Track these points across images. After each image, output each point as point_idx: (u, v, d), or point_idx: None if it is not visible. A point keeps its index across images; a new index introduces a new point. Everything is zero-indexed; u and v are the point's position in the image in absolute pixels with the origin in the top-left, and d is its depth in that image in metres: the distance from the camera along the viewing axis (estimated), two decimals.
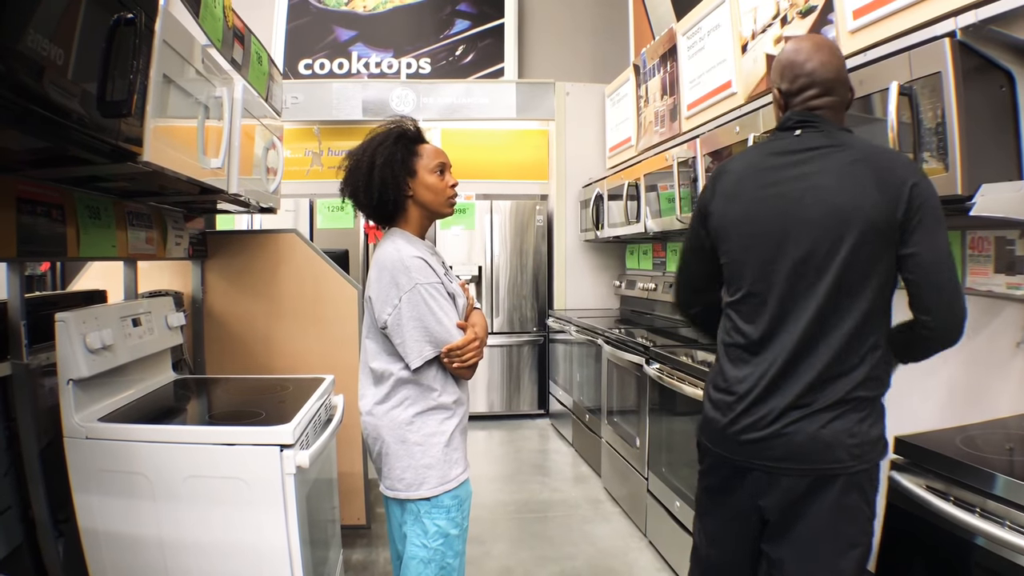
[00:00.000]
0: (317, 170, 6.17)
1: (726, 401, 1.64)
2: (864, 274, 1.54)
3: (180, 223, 2.87)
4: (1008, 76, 1.90)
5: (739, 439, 1.61)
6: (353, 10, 6.68)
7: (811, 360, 1.55)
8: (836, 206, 1.52)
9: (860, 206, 1.50)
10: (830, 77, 1.63)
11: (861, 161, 1.54)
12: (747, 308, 1.63)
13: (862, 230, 1.51)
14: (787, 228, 1.56)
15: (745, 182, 1.66)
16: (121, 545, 1.97)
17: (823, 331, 1.55)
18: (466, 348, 1.85)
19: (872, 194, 1.50)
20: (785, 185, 1.59)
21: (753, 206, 1.63)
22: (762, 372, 1.58)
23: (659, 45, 4.32)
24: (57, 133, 1.37)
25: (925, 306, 1.59)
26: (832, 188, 1.53)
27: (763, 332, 1.60)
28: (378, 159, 1.86)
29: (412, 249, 1.85)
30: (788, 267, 1.56)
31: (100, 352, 2.04)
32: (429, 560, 1.86)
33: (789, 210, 1.57)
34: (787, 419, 1.55)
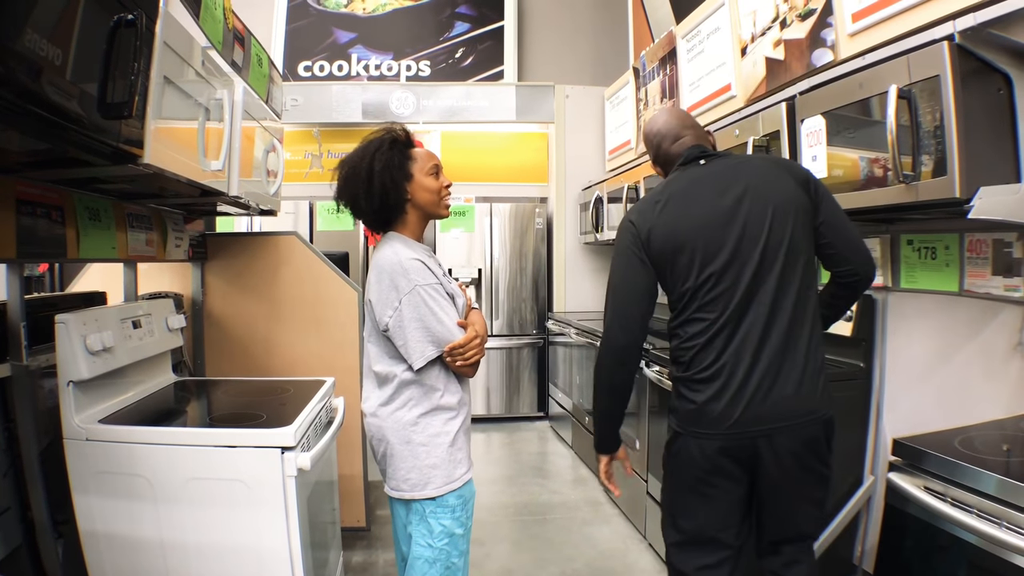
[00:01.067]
0: (317, 172, 6.17)
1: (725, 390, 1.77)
2: (801, 248, 1.80)
3: (180, 225, 2.88)
4: (1006, 79, 1.91)
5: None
6: (353, 12, 6.69)
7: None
8: (778, 198, 1.79)
9: (792, 195, 1.80)
10: (688, 124, 2.02)
11: (772, 165, 1.89)
12: (708, 310, 1.80)
13: (797, 211, 1.79)
14: (742, 225, 1.78)
15: (687, 201, 1.86)
16: (121, 547, 1.97)
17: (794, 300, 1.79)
18: (468, 346, 1.86)
19: (793, 185, 1.81)
20: (726, 194, 1.82)
21: (703, 218, 1.81)
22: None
23: (659, 48, 4.33)
24: (56, 134, 1.37)
25: (844, 257, 1.87)
26: (766, 187, 1.80)
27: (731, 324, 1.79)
28: (376, 165, 1.87)
29: (410, 252, 1.86)
30: (753, 259, 1.76)
31: (100, 354, 2.04)
32: (434, 560, 1.87)
33: (738, 211, 1.79)
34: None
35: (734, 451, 1.78)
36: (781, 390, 1.73)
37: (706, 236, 1.80)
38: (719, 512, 1.85)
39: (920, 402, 2.57)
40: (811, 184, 1.84)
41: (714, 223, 1.80)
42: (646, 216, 1.89)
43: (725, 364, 1.76)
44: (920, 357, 2.57)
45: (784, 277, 1.76)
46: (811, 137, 2.45)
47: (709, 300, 1.79)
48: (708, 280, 1.79)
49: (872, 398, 2.76)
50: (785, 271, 1.76)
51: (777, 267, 1.76)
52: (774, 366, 1.74)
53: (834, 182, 2.36)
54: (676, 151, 1.99)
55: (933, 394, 2.51)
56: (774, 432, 1.74)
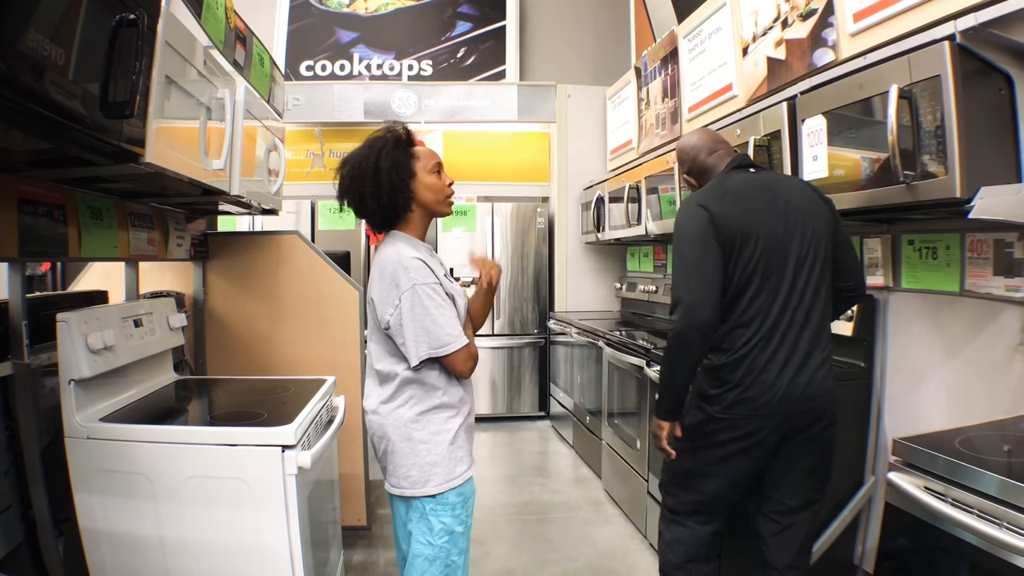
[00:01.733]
0: (319, 171, 6.18)
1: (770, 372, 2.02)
2: (828, 262, 2.09)
3: (182, 224, 2.88)
4: (1007, 79, 1.91)
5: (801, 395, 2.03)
6: (355, 12, 6.69)
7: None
8: (817, 216, 2.07)
9: (825, 216, 2.10)
10: (721, 140, 2.27)
11: (806, 186, 2.18)
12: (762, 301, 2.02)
13: (828, 230, 2.08)
14: (799, 230, 2.03)
15: (746, 198, 2.07)
16: (122, 545, 1.97)
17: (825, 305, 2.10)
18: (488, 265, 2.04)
19: (824, 208, 2.11)
20: (776, 202, 2.06)
21: (764, 215, 2.04)
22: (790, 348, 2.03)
23: (660, 48, 4.33)
24: (58, 134, 1.38)
25: (848, 275, 2.17)
26: (806, 203, 2.08)
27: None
28: (383, 163, 1.87)
29: (411, 251, 1.87)
30: (804, 261, 2.03)
31: (101, 352, 2.05)
32: (434, 557, 1.88)
33: (790, 217, 2.04)
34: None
35: (772, 427, 2.03)
36: (813, 375, 2.02)
37: (768, 232, 2.02)
38: (740, 481, 2.14)
39: (921, 402, 2.57)
40: (834, 210, 2.14)
41: (774, 222, 2.03)
42: (714, 203, 2.06)
43: (775, 354, 2.00)
44: (921, 357, 2.57)
45: (820, 283, 2.05)
46: (812, 137, 2.45)
47: (765, 291, 2.01)
48: (768, 273, 2.01)
49: (873, 398, 2.76)
50: (822, 278, 2.06)
51: (816, 273, 2.04)
52: (809, 355, 2.02)
53: (835, 182, 2.36)
54: (712, 162, 2.22)
55: (934, 394, 2.51)
56: (808, 410, 2.03)
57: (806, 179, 2.47)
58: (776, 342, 2.00)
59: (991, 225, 2.16)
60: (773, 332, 2.01)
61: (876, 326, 2.75)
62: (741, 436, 2.05)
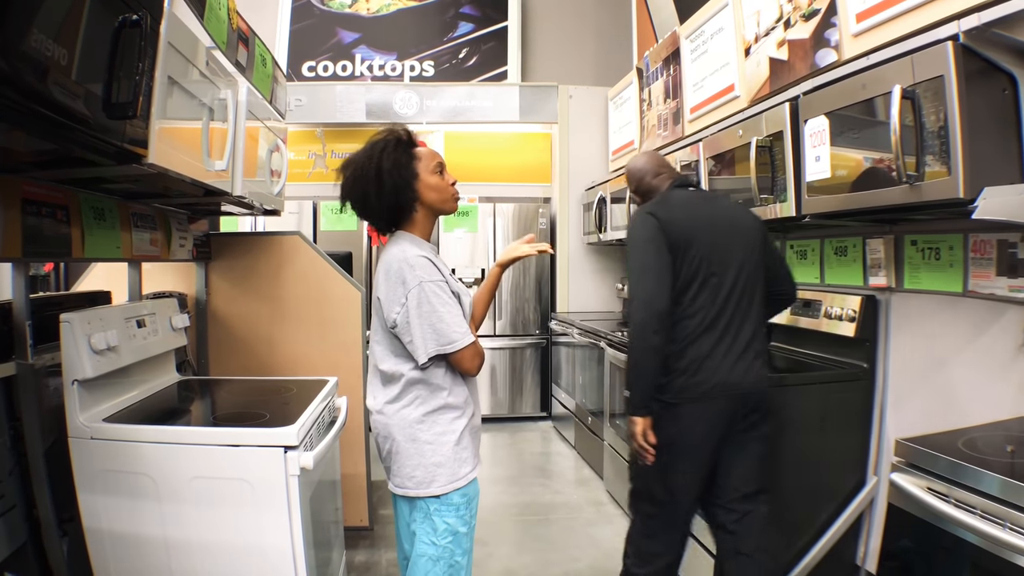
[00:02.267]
0: (320, 172, 6.18)
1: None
2: (759, 268, 2.35)
3: (184, 225, 2.88)
4: (1011, 79, 1.90)
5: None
6: (357, 12, 6.70)
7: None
8: (750, 228, 2.37)
9: (756, 229, 2.38)
10: (665, 164, 2.54)
11: (737, 204, 2.58)
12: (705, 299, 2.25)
13: (759, 241, 2.36)
14: (739, 238, 2.32)
15: (691, 209, 2.35)
16: (125, 545, 1.97)
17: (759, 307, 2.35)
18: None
19: (755, 222, 2.41)
20: (716, 215, 2.35)
21: (706, 225, 2.30)
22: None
23: (662, 48, 4.33)
24: (62, 134, 1.38)
25: (780, 280, 2.45)
26: (741, 217, 2.40)
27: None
28: (385, 164, 1.87)
29: (417, 249, 1.88)
30: (743, 267, 2.29)
31: (105, 353, 2.05)
32: (438, 558, 1.88)
33: (730, 227, 2.33)
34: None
35: (718, 410, 2.22)
36: (752, 363, 2.25)
37: (709, 236, 2.27)
38: (700, 476, 2.28)
39: (923, 403, 2.57)
40: (762, 224, 2.44)
41: (714, 228, 2.30)
42: (662, 211, 2.31)
43: (718, 344, 2.22)
44: (923, 358, 2.57)
45: (755, 285, 2.32)
46: (814, 137, 2.45)
47: (707, 289, 2.24)
48: (710, 273, 2.24)
49: (875, 399, 2.75)
50: (756, 280, 2.33)
51: (752, 276, 2.31)
52: (748, 346, 2.26)
53: (838, 182, 2.36)
54: (657, 183, 2.48)
55: (936, 395, 2.51)
56: (749, 395, 2.24)
57: (810, 179, 2.52)
58: (719, 333, 2.22)
59: (994, 226, 2.16)
60: (715, 324, 2.23)
61: (879, 327, 2.75)
62: (692, 421, 2.22)
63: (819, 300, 2.99)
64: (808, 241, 3.23)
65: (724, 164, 3.22)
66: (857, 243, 2.88)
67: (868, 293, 2.79)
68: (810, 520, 2.72)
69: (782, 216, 2.71)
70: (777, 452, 2.67)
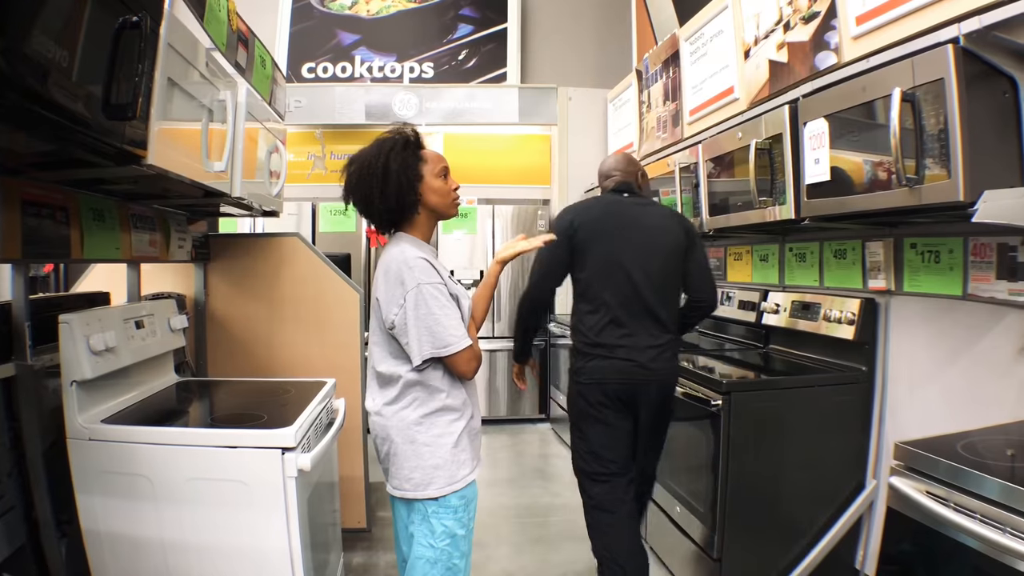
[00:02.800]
0: (320, 173, 6.18)
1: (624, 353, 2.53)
2: (675, 273, 2.62)
3: (183, 226, 2.88)
4: (1011, 82, 1.90)
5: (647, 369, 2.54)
6: (356, 14, 6.70)
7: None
8: (666, 235, 2.60)
9: (677, 237, 2.60)
10: (620, 168, 2.77)
11: (668, 213, 2.71)
12: (607, 295, 2.54)
13: (676, 250, 2.60)
14: (642, 243, 2.56)
15: (608, 213, 2.64)
16: (123, 546, 1.97)
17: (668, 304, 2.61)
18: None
19: (679, 231, 2.62)
20: (638, 219, 2.61)
21: (621, 227, 2.59)
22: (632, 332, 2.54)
23: (662, 50, 4.33)
24: (62, 135, 1.38)
25: (699, 289, 2.68)
26: (660, 223, 2.62)
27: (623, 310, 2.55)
28: (393, 164, 1.87)
29: (416, 251, 1.88)
30: (650, 267, 2.54)
31: (103, 354, 2.05)
32: (436, 560, 1.87)
33: (643, 233, 2.58)
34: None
35: (621, 393, 2.52)
36: (649, 353, 2.51)
37: (616, 242, 2.56)
38: (608, 436, 2.58)
39: (923, 406, 2.57)
40: (692, 235, 2.64)
41: (620, 234, 2.57)
42: (581, 213, 2.66)
43: (619, 338, 2.51)
44: (923, 361, 2.57)
45: (662, 287, 2.56)
46: (814, 140, 2.45)
47: (617, 287, 2.53)
48: (617, 271, 2.54)
49: (875, 402, 2.75)
50: (664, 284, 2.58)
51: (658, 279, 2.55)
52: (649, 339, 2.52)
53: (837, 185, 2.36)
54: (606, 185, 2.78)
55: (936, 398, 2.51)
56: (649, 382, 2.51)
57: (809, 181, 2.50)
58: (621, 327, 2.52)
59: (994, 229, 2.16)
60: (618, 319, 2.52)
61: (878, 330, 2.75)
62: (599, 400, 2.54)
63: (818, 303, 2.99)
64: (807, 244, 3.23)
65: (723, 166, 3.22)
66: (856, 246, 2.88)
67: (867, 296, 2.79)
68: (809, 523, 2.73)
69: (781, 219, 2.71)
70: (776, 455, 2.68)
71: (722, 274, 4.13)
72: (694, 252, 2.64)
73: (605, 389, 2.53)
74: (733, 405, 2.62)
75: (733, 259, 4.01)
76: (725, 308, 3.81)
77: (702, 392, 2.76)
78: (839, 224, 2.67)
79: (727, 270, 4.08)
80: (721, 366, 3.21)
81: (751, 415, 2.64)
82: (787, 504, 2.69)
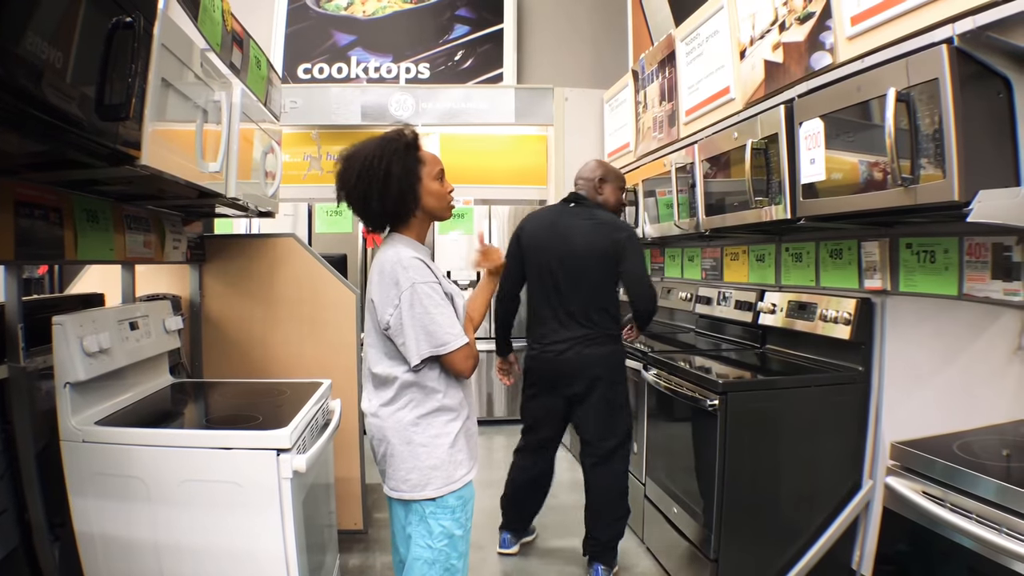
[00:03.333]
0: (315, 174, 6.17)
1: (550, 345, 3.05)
2: (599, 278, 3.01)
3: (178, 227, 2.87)
4: (1006, 83, 1.90)
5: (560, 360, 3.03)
6: (352, 15, 6.69)
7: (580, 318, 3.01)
8: (594, 244, 2.98)
9: (605, 247, 2.97)
10: (584, 176, 3.21)
11: (600, 223, 3.04)
12: (544, 295, 3.07)
13: (603, 257, 2.97)
14: (571, 251, 3.00)
15: (550, 220, 3.13)
16: (117, 549, 1.96)
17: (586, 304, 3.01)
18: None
19: (608, 242, 2.97)
20: (571, 228, 3.04)
21: (551, 237, 3.06)
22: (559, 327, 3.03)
23: (658, 51, 4.33)
24: (55, 136, 1.37)
25: (633, 295, 3.02)
26: (590, 233, 3.00)
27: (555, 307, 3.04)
28: (395, 168, 1.86)
29: (411, 251, 1.88)
30: (567, 272, 2.99)
31: (97, 355, 2.04)
32: (434, 561, 1.87)
33: (575, 242, 3.00)
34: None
35: (545, 377, 3.09)
36: (570, 348, 2.99)
37: (545, 249, 3.04)
38: (538, 411, 3.20)
39: (919, 406, 2.57)
40: (619, 244, 2.97)
41: (549, 242, 3.04)
42: (531, 221, 3.19)
43: (548, 332, 3.04)
44: (919, 361, 2.57)
45: (587, 294, 2.98)
46: (809, 140, 2.45)
47: (545, 288, 3.05)
48: (545, 275, 3.03)
49: (871, 402, 2.75)
50: (588, 291, 2.99)
51: (578, 285, 2.98)
52: (570, 337, 2.99)
53: (833, 185, 2.36)
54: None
55: (932, 398, 2.51)
56: (570, 372, 3.01)
57: (804, 181, 2.50)
58: (547, 325, 3.04)
59: (989, 229, 2.16)
60: (543, 315, 3.06)
61: (874, 330, 2.75)
62: (533, 382, 3.16)
63: (814, 303, 2.99)
64: (803, 244, 3.23)
65: (719, 166, 3.22)
66: (852, 246, 2.88)
67: (863, 296, 2.79)
68: (806, 524, 2.72)
69: (777, 219, 2.71)
70: (772, 455, 2.68)
71: (718, 274, 4.14)
72: (625, 263, 2.96)
73: (535, 374, 3.13)
74: (730, 405, 2.62)
75: (729, 259, 4.01)
76: (721, 308, 3.82)
77: (699, 392, 2.76)
78: (835, 224, 2.67)
79: (723, 270, 4.08)
80: (718, 366, 3.21)
81: (748, 415, 2.64)
82: (784, 504, 2.69)
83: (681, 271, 4.74)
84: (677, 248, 4.80)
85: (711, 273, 4.26)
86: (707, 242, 4.22)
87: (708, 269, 4.31)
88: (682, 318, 4.57)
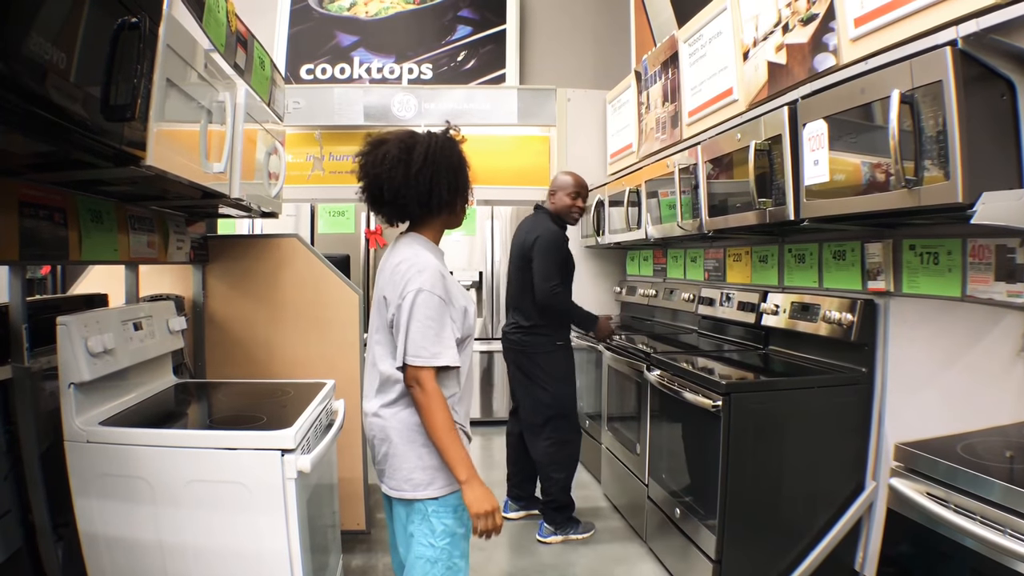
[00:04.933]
0: (319, 175, 6.16)
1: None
2: (521, 274, 3.69)
3: (182, 227, 2.88)
4: (1009, 85, 1.90)
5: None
6: (355, 15, 6.69)
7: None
8: (520, 245, 3.70)
9: (523, 247, 3.66)
10: (552, 189, 3.83)
11: (535, 225, 3.70)
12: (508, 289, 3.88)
13: (521, 256, 3.67)
14: (514, 251, 3.79)
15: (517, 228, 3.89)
16: (121, 549, 1.96)
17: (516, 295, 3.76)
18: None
19: (526, 243, 3.64)
20: (528, 232, 3.68)
21: (513, 240, 3.85)
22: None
23: (660, 52, 4.33)
24: (60, 137, 1.37)
25: (534, 289, 3.58)
26: (527, 235, 3.66)
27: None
28: (465, 160, 1.97)
29: (432, 257, 1.90)
30: (511, 269, 3.83)
31: (101, 356, 2.04)
32: (436, 559, 1.87)
33: (515, 244, 3.81)
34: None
35: (506, 354, 3.83)
36: (509, 328, 3.76)
37: (511, 250, 3.84)
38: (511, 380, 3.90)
39: (922, 407, 2.57)
40: (531, 245, 3.59)
41: (513, 245, 3.82)
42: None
43: (508, 318, 3.82)
44: (922, 362, 2.57)
45: (521, 285, 3.67)
46: (813, 141, 2.45)
47: (508, 283, 3.87)
48: (510, 270, 3.83)
49: (874, 403, 2.75)
50: (521, 282, 3.67)
51: (520, 279, 3.67)
52: (513, 320, 3.75)
53: (836, 187, 2.36)
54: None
55: (936, 400, 2.51)
56: (509, 348, 3.77)
57: (808, 183, 2.50)
58: (507, 310, 3.86)
59: (993, 230, 2.16)
60: (509, 306, 3.84)
61: (877, 331, 2.75)
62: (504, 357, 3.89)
63: (817, 304, 2.99)
64: (806, 245, 3.23)
65: (722, 168, 3.22)
66: (855, 247, 2.88)
67: (866, 297, 2.79)
68: (809, 525, 2.72)
69: (780, 220, 2.71)
70: (775, 456, 2.67)
71: (721, 275, 4.14)
72: (534, 261, 3.57)
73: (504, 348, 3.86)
74: (733, 406, 2.62)
75: (732, 260, 4.01)
76: (724, 309, 3.82)
77: (702, 393, 2.76)
78: (838, 225, 2.67)
79: (726, 271, 4.09)
80: (721, 367, 3.20)
81: (751, 416, 2.64)
82: (787, 505, 2.69)
83: (684, 272, 4.74)
84: (680, 249, 4.80)
85: (714, 274, 4.26)
86: (710, 243, 4.22)
87: (711, 270, 4.31)
88: (685, 319, 4.57)
